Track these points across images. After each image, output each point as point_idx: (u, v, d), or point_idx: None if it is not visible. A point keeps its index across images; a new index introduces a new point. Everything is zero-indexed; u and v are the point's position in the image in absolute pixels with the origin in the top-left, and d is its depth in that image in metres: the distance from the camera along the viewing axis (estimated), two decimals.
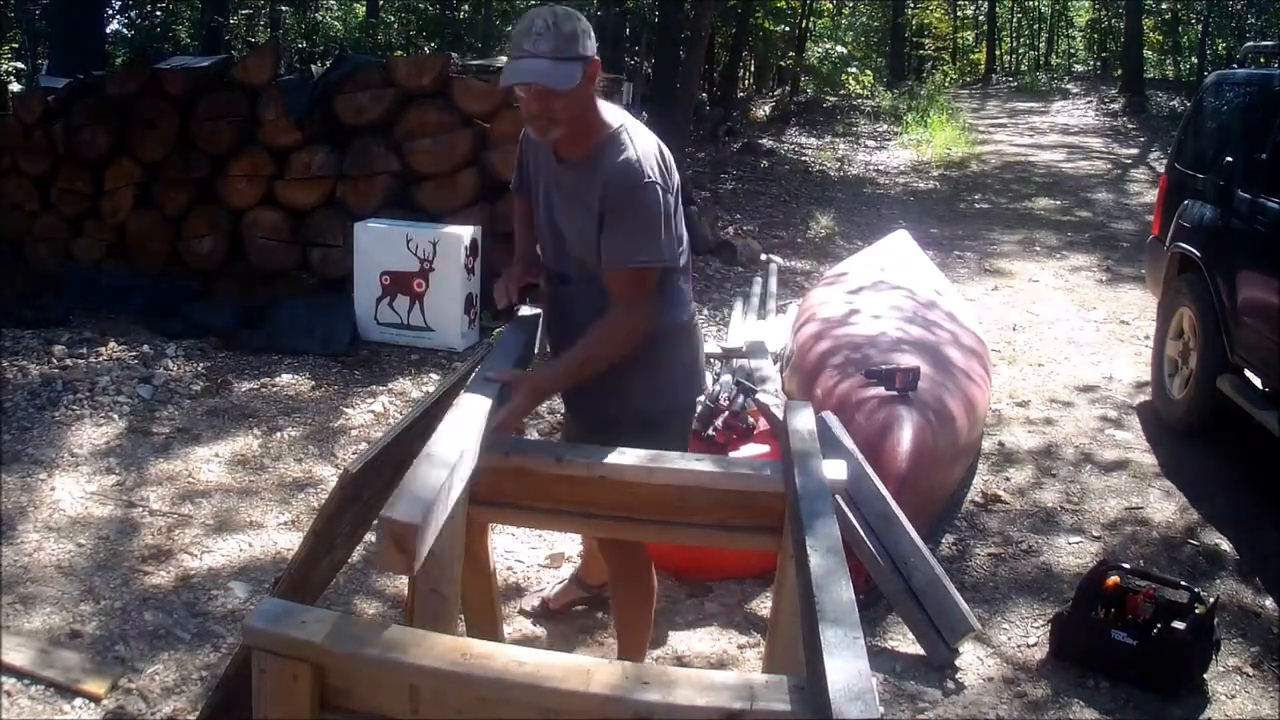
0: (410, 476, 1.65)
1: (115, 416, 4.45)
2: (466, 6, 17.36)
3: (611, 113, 2.26)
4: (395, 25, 17.78)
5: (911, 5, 27.59)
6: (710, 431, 3.40)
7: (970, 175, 12.83)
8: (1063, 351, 6.02)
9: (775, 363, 5.02)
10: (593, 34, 2.15)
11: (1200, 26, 21.56)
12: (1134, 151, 14.50)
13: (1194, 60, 22.32)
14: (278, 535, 3.55)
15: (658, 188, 2.17)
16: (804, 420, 2.23)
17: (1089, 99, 20.07)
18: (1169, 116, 16.43)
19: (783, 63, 21.35)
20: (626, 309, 2.21)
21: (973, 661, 3.02)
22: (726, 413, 3.44)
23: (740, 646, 3.05)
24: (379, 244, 5.54)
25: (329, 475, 3.98)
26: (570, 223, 2.29)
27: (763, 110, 18.82)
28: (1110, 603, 3.00)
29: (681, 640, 3.08)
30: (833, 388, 3.86)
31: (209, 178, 6.18)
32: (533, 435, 4.36)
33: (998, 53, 30.74)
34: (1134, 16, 19.34)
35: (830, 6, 23.68)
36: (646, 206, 2.16)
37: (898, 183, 12.41)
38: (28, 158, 6.49)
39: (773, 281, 6.79)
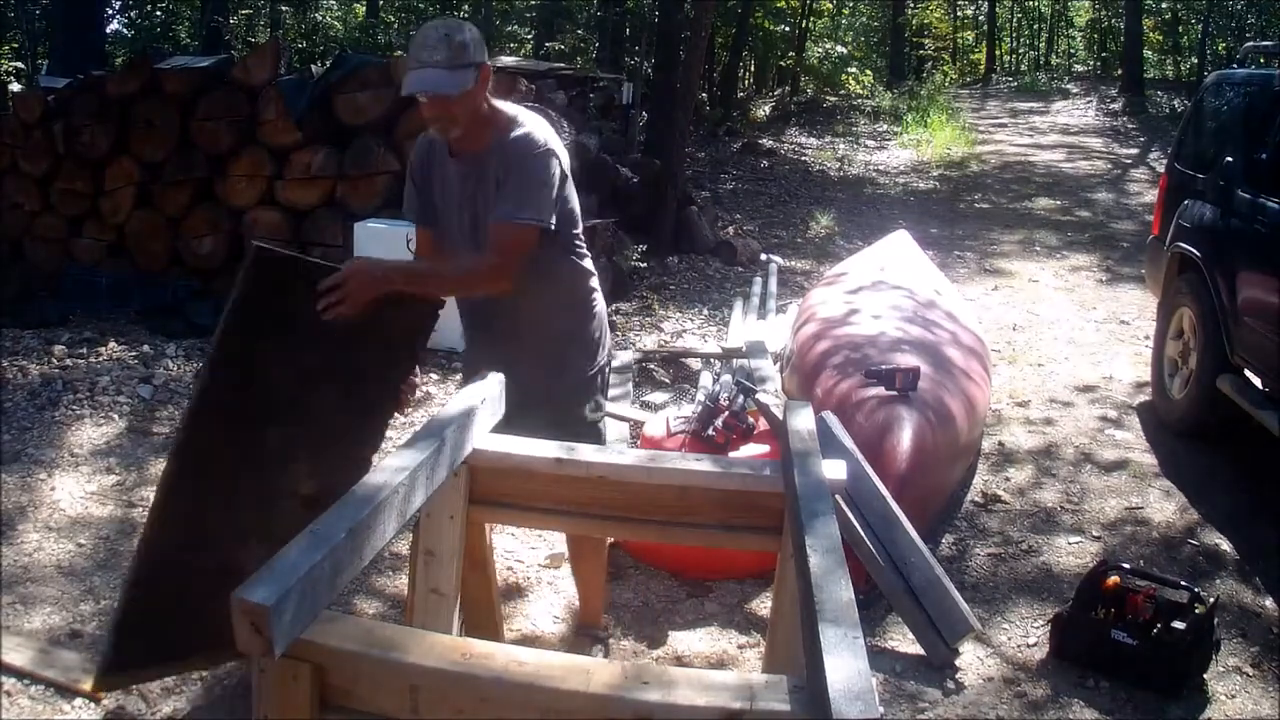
0: (282, 553, 1.52)
1: (115, 416, 4.45)
2: (466, 7, 17.35)
3: (509, 107, 2.50)
4: (395, 25, 17.78)
5: (911, 5, 27.54)
6: (710, 431, 3.40)
7: (970, 175, 12.82)
8: (1063, 351, 6.02)
9: (775, 363, 5.02)
10: (483, 42, 2.41)
11: (1200, 26, 21.52)
12: (1134, 151, 14.49)
13: (1194, 60, 22.28)
14: None
15: (553, 156, 2.38)
16: (804, 420, 2.23)
17: (1089, 99, 20.03)
18: (1169, 116, 16.40)
19: (783, 63, 21.34)
20: (498, 257, 2.34)
21: (973, 661, 3.02)
22: (726, 413, 3.43)
23: (740, 646, 3.05)
24: (379, 244, 5.52)
25: None
26: (484, 205, 2.43)
27: (763, 110, 18.82)
28: (1110, 603, 3.00)
29: (681, 640, 3.07)
30: (833, 388, 3.86)
31: (209, 178, 6.18)
32: None
33: (998, 53, 30.65)
34: (1134, 16, 19.29)
35: (830, 6, 23.66)
36: (539, 170, 2.36)
37: (898, 183, 12.41)
38: (28, 157, 6.49)
39: (773, 281, 6.79)
